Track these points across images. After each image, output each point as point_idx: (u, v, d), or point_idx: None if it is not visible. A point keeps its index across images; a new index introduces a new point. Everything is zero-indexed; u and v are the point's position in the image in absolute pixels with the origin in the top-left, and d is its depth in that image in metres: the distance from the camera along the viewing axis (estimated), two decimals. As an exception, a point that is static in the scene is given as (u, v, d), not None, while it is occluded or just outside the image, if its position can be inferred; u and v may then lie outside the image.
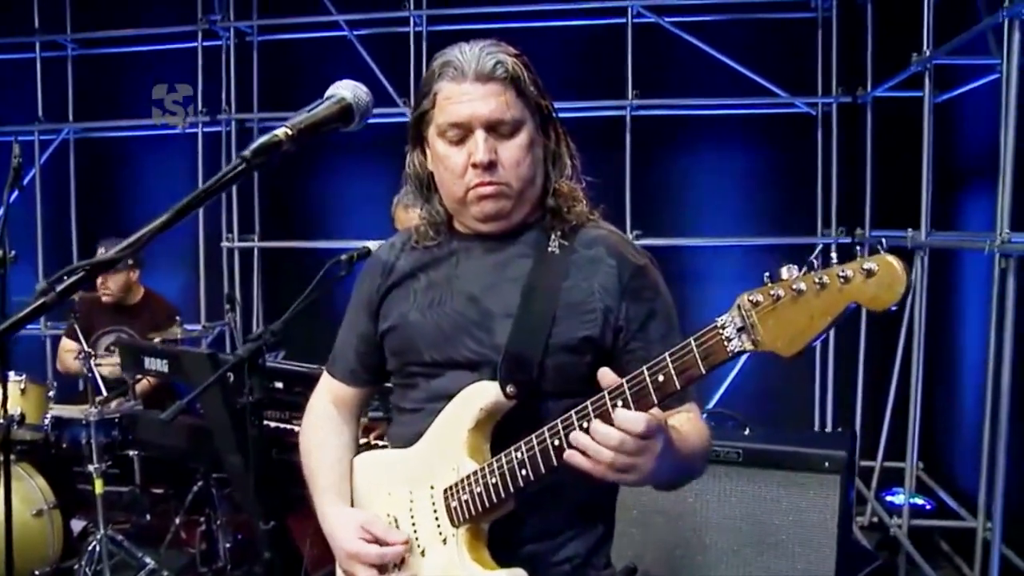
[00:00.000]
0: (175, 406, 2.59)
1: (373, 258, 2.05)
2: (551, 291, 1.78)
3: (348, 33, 5.73)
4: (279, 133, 1.46)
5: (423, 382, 1.87)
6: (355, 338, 2.03)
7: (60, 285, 1.27)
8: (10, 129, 6.23)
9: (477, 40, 1.78)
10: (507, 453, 1.68)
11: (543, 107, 1.80)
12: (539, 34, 5.63)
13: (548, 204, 1.84)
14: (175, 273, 5.83)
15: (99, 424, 4.37)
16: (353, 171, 5.94)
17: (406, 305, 1.90)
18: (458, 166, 1.77)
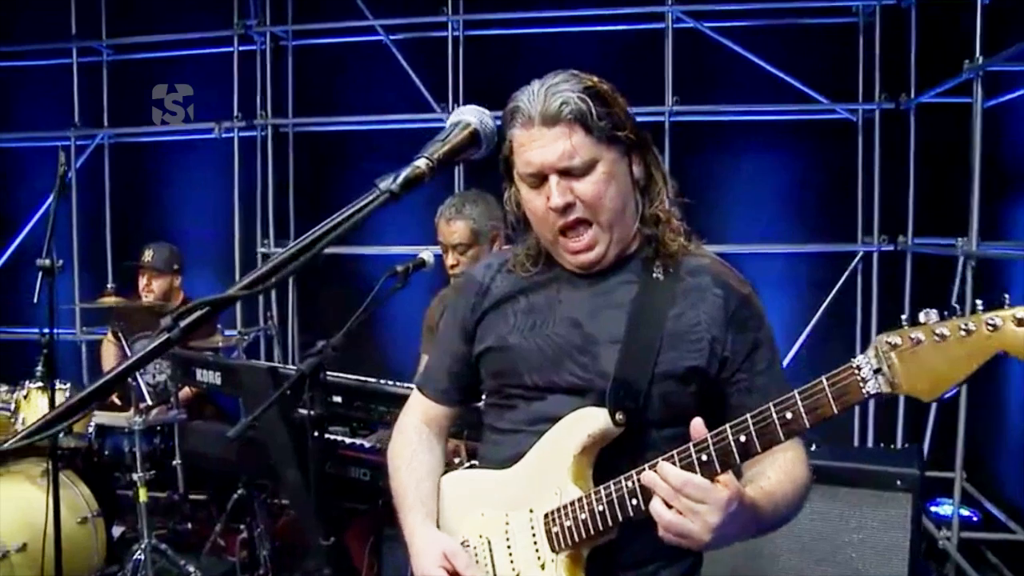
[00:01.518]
0: (242, 423, 2.58)
1: (467, 278, 2.03)
2: (657, 319, 1.77)
3: (384, 38, 5.70)
4: (420, 165, 1.44)
5: (523, 404, 1.86)
6: (448, 358, 2.02)
7: (183, 321, 1.25)
8: (47, 135, 6.25)
9: (551, 75, 1.80)
10: (616, 481, 1.66)
11: (624, 136, 1.78)
12: (577, 39, 5.60)
13: (645, 232, 1.83)
14: (210, 278, 5.79)
15: (142, 432, 4.37)
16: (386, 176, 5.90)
17: (505, 327, 1.89)
18: (540, 209, 1.78)
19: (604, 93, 1.78)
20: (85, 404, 1.20)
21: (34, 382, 4.36)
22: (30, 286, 6.15)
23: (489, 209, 3.72)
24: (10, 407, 4.33)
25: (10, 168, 6.59)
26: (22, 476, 4.42)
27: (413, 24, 5.72)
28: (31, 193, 6.39)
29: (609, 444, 1.75)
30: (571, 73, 1.80)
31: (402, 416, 2.11)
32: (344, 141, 5.96)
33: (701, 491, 1.52)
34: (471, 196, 3.73)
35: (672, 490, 1.53)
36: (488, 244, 3.71)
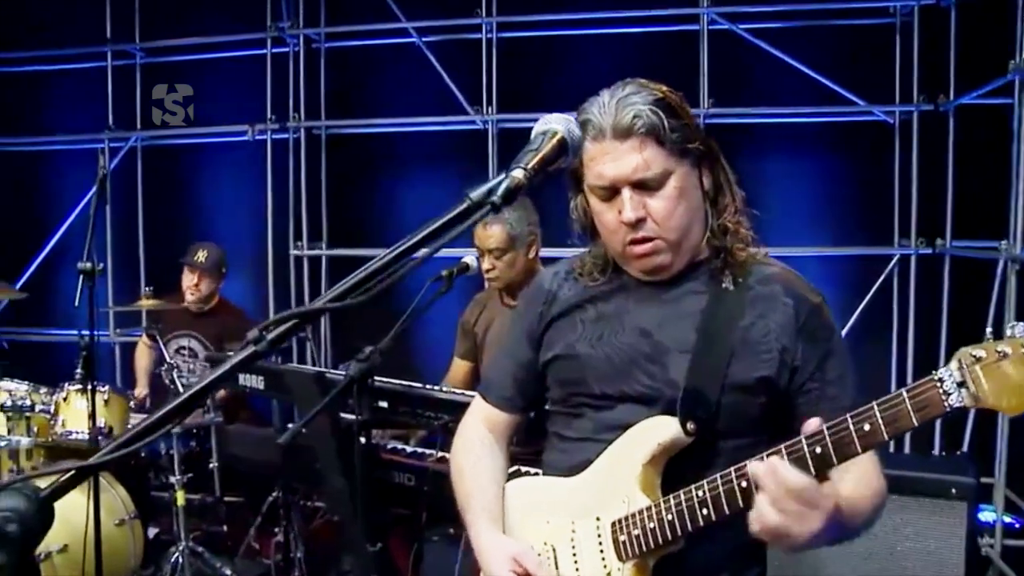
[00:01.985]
0: (292, 429, 2.56)
1: (534, 285, 2.03)
2: (727, 328, 1.76)
3: (417, 39, 5.69)
4: (518, 175, 1.42)
5: (591, 413, 1.85)
6: (513, 365, 2.02)
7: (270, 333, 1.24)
8: (81, 137, 6.28)
9: (620, 85, 1.79)
10: (687, 491, 1.64)
11: (694, 148, 1.77)
12: (611, 41, 5.58)
13: (714, 243, 1.81)
14: (243, 281, 5.80)
15: (179, 435, 4.38)
16: (421, 178, 5.90)
17: (573, 336, 1.88)
18: (611, 222, 1.77)
19: (675, 104, 1.77)
20: (170, 418, 1.19)
21: (73, 384, 4.36)
22: (63, 288, 6.25)
23: (527, 214, 3.70)
24: (50, 409, 4.34)
25: (44, 171, 6.62)
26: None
27: (446, 26, 5.69)
28: (64, 196, 6.43)
29: (676, 453, 1.74)
30: (641, 83, 1.79)
31: (465, 421, 2.12)
32: (377, 143, 5.95)
33: (815, 496, 1.49)
34: (509, 200, 3.70)
35: (784, 491, 1.48)
36: (524, 249, 3.69)
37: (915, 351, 5.26)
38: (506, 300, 3.86)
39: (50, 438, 4.39)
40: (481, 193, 1.42)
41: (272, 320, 1.25)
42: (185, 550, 4.33)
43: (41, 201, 6.60)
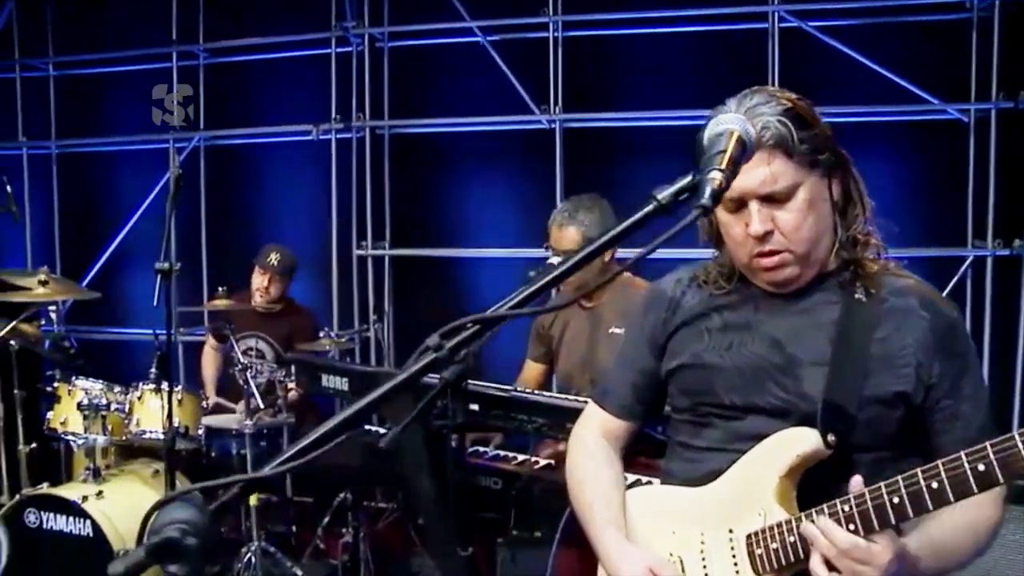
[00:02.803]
0: (392, 432, 2.53)
1: (656, 292, 1.99)
2: (863, 341, 1.71)
3: (481, 39, 5.66)
4: (718, 177, 1.39)
5: (720, 423, 1.81)
6: (633, 373, 1.99)
7: (450, 341, 1.21)
8: (146, 138, 6.32)
9: (748, 94, 1.73)
10: (831, 505, 1.59)
11: (824, 159, 1.72)
12: (678, 40, 5.51)
13: (843, 255, 1.77)
14: (307, 281, 5.80)
15: (251, 435, 4.39)
16: (485, 178, 5.89)
17: (699, 345, 1.84)
18: (738, 234, 1.73)
19: (804, 113, 1.72)
20: (343, 428, 1.16)
21: (147, 383, 4.39)
22: (125, 288, 6.29)
23: (603, 217, 3.65)
24: (124, 408, 4.36)
25: (108, 172, 6.67)
26: (134, 476, 4.48)
27: (511, 25, 5.65)
28: (127, 196, 6.48)
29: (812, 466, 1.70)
30: (769, 92, 1.74)
31: (579, 429, 2.08)
32: (440, 143, 5.93)
33: (866, 554, 1.52)
34: (585, 202, 3.66)
35: (836, 551, 1.53)
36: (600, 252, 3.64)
37: (990, 355, 5.15)
38: (581, 302, 3.82)
39: (124, 437, 4.42)
40: (669, 195, 1.38)
41: (451, 326, 1.22)
42: (257, 550, 4.34)
43: (105, 202, 6.65)
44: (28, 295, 4.68)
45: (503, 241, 5.75)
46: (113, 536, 4.04)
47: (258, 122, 6.17)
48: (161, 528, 1.01)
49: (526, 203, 5.80)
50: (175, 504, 1.04)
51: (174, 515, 1.02)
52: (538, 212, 5.64)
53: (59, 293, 4.76)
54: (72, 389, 4.42)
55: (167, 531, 1.00)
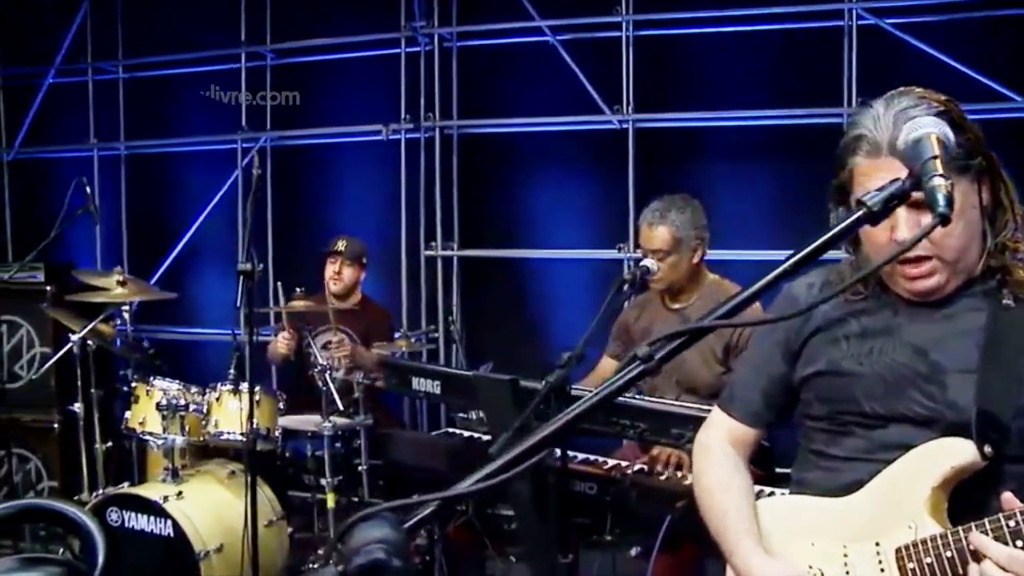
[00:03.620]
0: (502, 438, 2.51)
1: (787, 296, 1.93)
2: (1014, 348, 1.65)
3: (551, 38, 5.61)
4: (942, 184, 1.34)
5: (861, 432, 1.75)
6: (763, 379, 1.93)
7: (660, 352, 1.17)
8: (215, 138, 6.35)
9: (896, 96, 1.68)
10: (993, 520, 1.53)
11: (975, 164, 1.67)
12: (752, 39, 5.42)
13: (990, 263, 1.71)
14: (376, 281, 5.78)
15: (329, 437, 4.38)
16: (554, 179, 5.84)
17: (837, 352, 1.79)
18: (881, 241, 1.68)
19: (956, 116, 1.66)
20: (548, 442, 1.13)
21: (226, 384, 4.39)
22: (192, 287, 6.31)
23: (694, 216, 3.61)
24: (202, 408, 4.36)
25: (175, 172, 6.71)
26: (211, 477, 4.48)
27: (582, 24, 5.60)
28: (194, 197, 6.51)
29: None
30: (919, 94, 1.68)
31: (706, 435, 2.03)
32: (509, 143, 5.89)
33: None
34: (677, 201, 3.62)
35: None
36: (689, 253, 3.61)
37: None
38: (667, 302, 3.78)
39: (201, 437, 4.42)
40: (879, 201, 1.33)
41: (660, 336, 1.17)
42: (334, 552, 4.32)
43: (172, 202, 6.69)
44: (107, 295, 4.72)
45: (572, 242, 5.70)
46: (194, 536, 4.05)
47: (325, 122, 6.15)
48: (362, 548, 0.97)
49: (595, 204, 5.76)
50: (372, 523, 1.00)
51: (374, 534, 0.98)
52: (608, 213, 5.62)
53: (136, 293, 4.80)
54: (150, 389, 4.43)
55: (374, 551, 0.96)
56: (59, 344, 5.30)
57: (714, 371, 3.58)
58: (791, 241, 4.58)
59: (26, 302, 5.34)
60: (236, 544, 4.14)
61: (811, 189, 5.51)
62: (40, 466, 5.48)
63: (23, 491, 5.48)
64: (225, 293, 6.42)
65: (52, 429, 5.46)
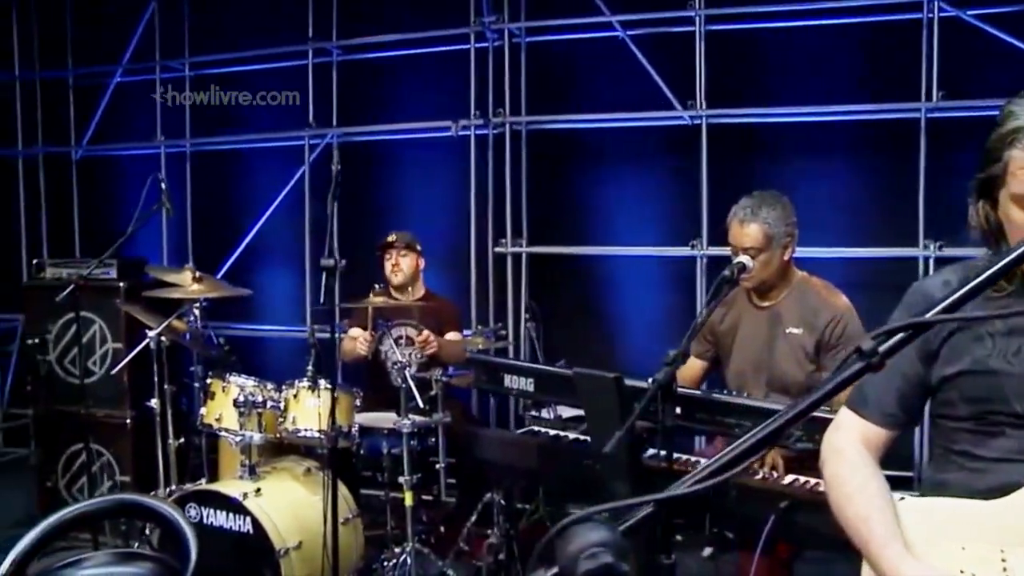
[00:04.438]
0: (616, 438, 2.46)
1: (923, 294, 1.87)
2: None
3: (622, 33, 5.55)
4: None
5: (1013, 432, 1.69)
6: (897, 379, 1.86)
7: (883, 345, 1.11)
8: (280, 135, 6.35)
9: None
10: None
11: None
12: (827, 32, 5.31)
13: None
14: (445, 278, 5.76)
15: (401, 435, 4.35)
16: (624, 176, 5.77)
17: (982, 350, 1.73)
18: None
19: None
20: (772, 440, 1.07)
21: (303, 381, 4.37)
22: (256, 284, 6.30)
23: (785, 213, 3.55)
24: (280, 405, 4.35)
25: (241, 170, 6.73)
26: (287, 474, 4.47)
27: (653, 19, 5.52)
28: (259, 193, 6.52)
29: None
30: None
31: (834, 438, 1.96)
32: (578, 139, 5.84)
33: None
34: (768, 198, 3.55)
35: None
36: (780, 250, 3.54)
37: None
38: (755, 300, 3.71)
39: (278, 434, 4.41)
40: None
41: (884, 330, 1.11)
42: (412, 550, 4.30)
43: (237, 199, 6.71)
44: (182, 292, 4.73)
45: (642, 239, 5.63)
46: (273, 534, 4.04)
47: (392, 119, 6.14)
48: (586, 552, 0.92)
49: (666, 200, 5.69)
50: (587, 526, 0.95)
51: (593, 537, 0.94)
52: (679, 210, 5.55)
53: (212, 290, 4.80)
54: (226, 386, 4.43)
55: (601, 555, 0.91)
56: (131, 340, 5.33)
57: (805, 369, 3.50)
58: (868, 238, 4.52)
59: (99, 298, 5.35)
60: (314, 542, 4.14)
61: (889, 185, 5.42)
62: (112, 461, 5.51)
63: (94, 486, 5.51)
64: (289, 290, 6.44)
65: (125, 425, 5.48)
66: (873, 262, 5.13)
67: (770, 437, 1.11)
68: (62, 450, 5.66)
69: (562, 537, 0.96)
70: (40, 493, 5.73)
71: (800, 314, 3.53)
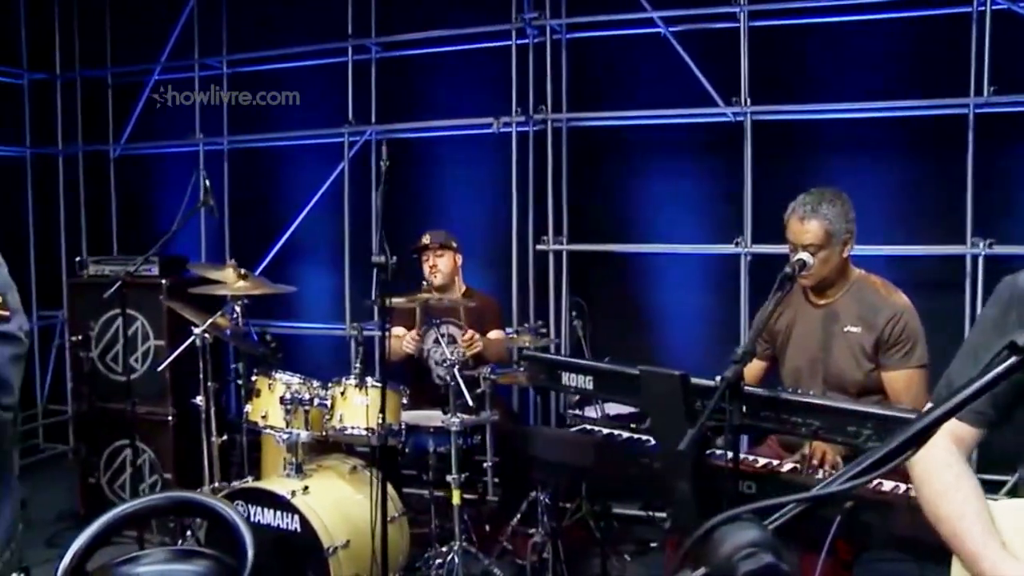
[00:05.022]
0: (689, 436, 2.43)
1: (1015, 288, 1.82)
2: None
3: (663, 29, 5.50)
4: None
5: None
6: None
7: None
8: (319, 132, 6.35)
9: None
10: None
11: None
12: (874, 27, 5.24)
13: None
14: (485, 275, 5.73)
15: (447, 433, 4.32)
16: (666, 172, 5.73)
17: None
18: None
19: None
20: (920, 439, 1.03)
21: (350, 378, 4.36)
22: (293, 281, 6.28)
23: (845, 210, 3.49)
24: (327, 402, 4.33)
25: (278, 167, 6.73)
26: (333, 473, 4.46)
27: (695, 15, 5.47)
28: (298, 191, 6.52)
29: None
30: None
31: None
32: (620, 136, 5.80)
33: None
34: (828, 194, 3.50)
35: None
36: (840, 247, 3.48)
37: None
38: (811, 298, 3.66)
39: (324, 432, 4.40)
40: None
41: None
42: (459, 549, 4.28)
43: (274, 196, 6.71)
44: (227, 288, 4.72)
45: (683, 237, 5.59)
46: (322, 532, 4.02)
47: (431, 115, 6.12)
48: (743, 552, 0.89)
49: (708, 197, 5.64)
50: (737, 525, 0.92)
51: (747, 537, 0.91)
52: (722, 207, 5.50)
53: (257, 287, 4.79)
54: (272, 383, 4.41)
55: (763, 555, 0.88)
56: (173, 337, 5.34)
57: (864, 368, 3.46)
58: (915, 236, 4.44)
59: (141, 295, 5.34)
60: (362, 540, 4.12)
61: (936, 182, 5.33)
62: (153, 458, 5.51)
63: (135, 483, 5.52)
64: (326, 287, 6.43)
65: (166, 422, 5.48)
66: (920, 260, 5.06)
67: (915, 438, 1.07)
68: (103, 447, 5.68)
69: (711, 538, 0.93)
70: (82, 489, 5.74)
71: (858, 312, 3.48)
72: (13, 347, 2.17)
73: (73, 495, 5.81)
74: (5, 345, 2.15)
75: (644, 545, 5.20)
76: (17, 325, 2.20)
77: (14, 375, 2.19)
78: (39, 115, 7.18)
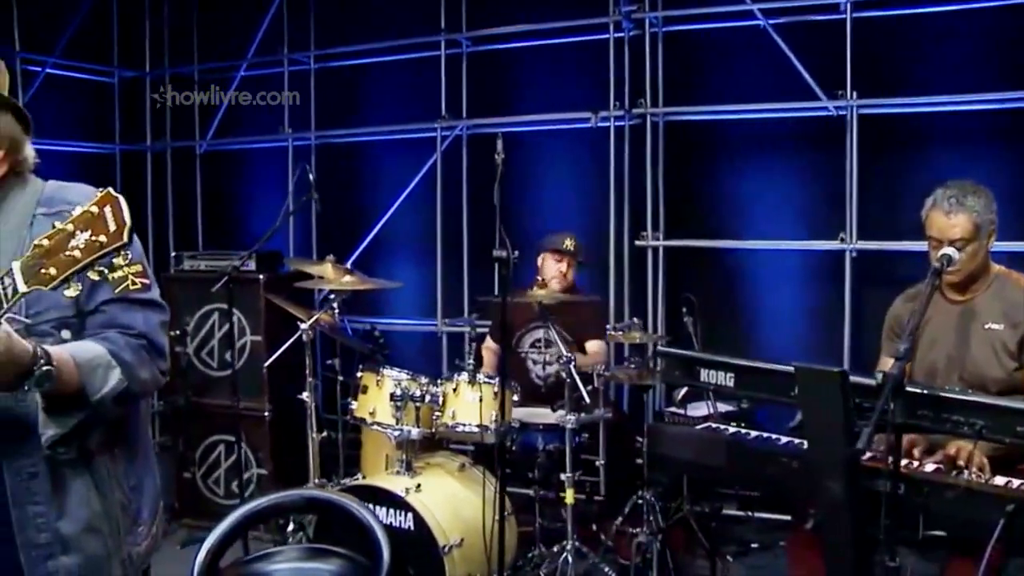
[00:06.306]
0: (865, 434, 2.36)
1: None
2: None
3: (763, 22, 5.40)
4: None
5: None
6: None
7: None
8: (409, 127, 6.33)
9: None
10: None
11: None
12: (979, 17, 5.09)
13: None
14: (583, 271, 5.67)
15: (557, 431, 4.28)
16: (766, 168, 5.64)
17: None
18: None
19: None
20: None
21: (461, 375, 4.32)
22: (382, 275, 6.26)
23: (989, 201, 3.37)
24: (438, 399, 4.30)
25: (366, 162, 6.72)
26: (442, 470, 4.44)
27: (796, 7, 5.36)
28: (387, 186, 6.51)
29: None
30: None
31: None
32: (717, 131, 5.72)
33: None
34: (970, 187, 3.38)
35: None
36: (986, 240, 3.37)
37: None
38: (948, 294, 3.54)
39: (434, 428, 4.37)
40: None
41: None
42: (572, 548, 4.24)
43: (362, 191, 6.70)
44: (332, 283, 4.71)
45: (783, 232, 5.50)
46: (436, 530, 4.00)
47: (523, 110, 6.07)
48: None
49: (811, 193, 5.55)
50: None
51: None
52: (824, 202, 5.40)
53: (360, 282, 4.77)
54: (380, 379, 4.39)
55: None
56: (271, 332, 5.35)
57: (1006, 367, 3.33)
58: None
59: (238, 290, 5.30)
60: (474, 538, 4.10)
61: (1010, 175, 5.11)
62: (249, 453, 5.51)
63: (230, 479, 5.54)
64: (416, 282, 6.39)
65: (263, 418, 5.48)
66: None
67: None
68: (198, 442, 5.69)
69: None
70: (178, 484, 5.76)
71: (1001, 309, 3.37)
72: (160, 314, 2.17)
73: (168, 490, 5.83)
74: (153, 312, 2.15)
75: (745, 545, 5.13)
76: (157, 293, 2.20)
77: (166, 341, 2.18)
78: (128, 112, 7.23)
